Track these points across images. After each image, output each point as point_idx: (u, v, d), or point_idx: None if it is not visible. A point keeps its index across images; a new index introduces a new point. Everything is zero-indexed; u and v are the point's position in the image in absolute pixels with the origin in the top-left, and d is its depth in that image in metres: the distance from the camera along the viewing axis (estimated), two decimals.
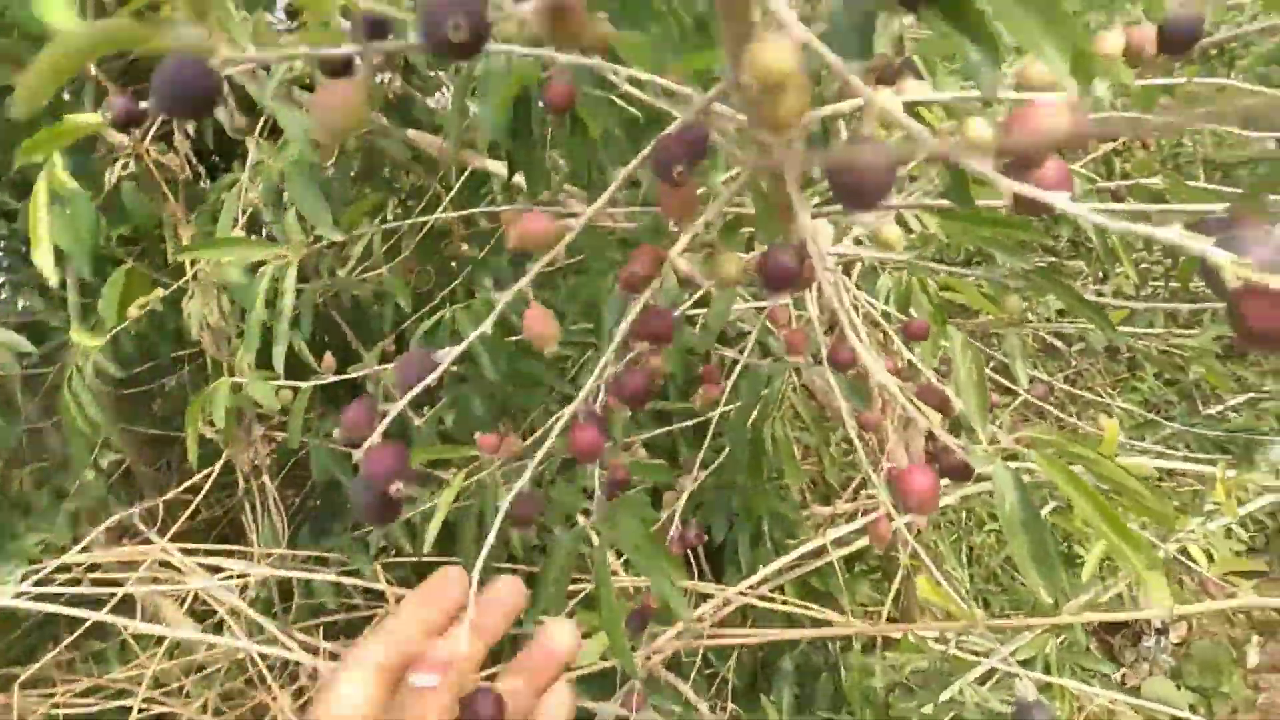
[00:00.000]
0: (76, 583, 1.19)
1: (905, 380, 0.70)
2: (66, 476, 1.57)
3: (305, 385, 1.18)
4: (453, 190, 1.38)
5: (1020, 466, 0.48)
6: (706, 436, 1.13)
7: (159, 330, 1.47)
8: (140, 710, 1.22)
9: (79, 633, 1.29)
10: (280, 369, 1.09)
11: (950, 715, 1.13)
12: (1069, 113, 0.26)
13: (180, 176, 1.29)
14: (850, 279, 1.01)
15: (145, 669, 1.27)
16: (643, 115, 0.85)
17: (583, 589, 1.23)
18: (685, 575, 1.22)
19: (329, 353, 1.19)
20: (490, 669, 0.45)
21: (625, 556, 1.21)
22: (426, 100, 1.63)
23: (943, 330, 0.92)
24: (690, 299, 1.05)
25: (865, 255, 0.99)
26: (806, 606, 1.15)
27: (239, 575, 1.17)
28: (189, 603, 1.23)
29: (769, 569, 1.22)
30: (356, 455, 0.39)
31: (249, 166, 1.18)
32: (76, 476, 1.49)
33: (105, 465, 1.62)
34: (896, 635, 1.09)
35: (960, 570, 1.96)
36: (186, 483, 1.36)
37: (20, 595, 1.13)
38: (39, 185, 0.88)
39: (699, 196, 0.43)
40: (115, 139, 1.27)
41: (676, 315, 0.50)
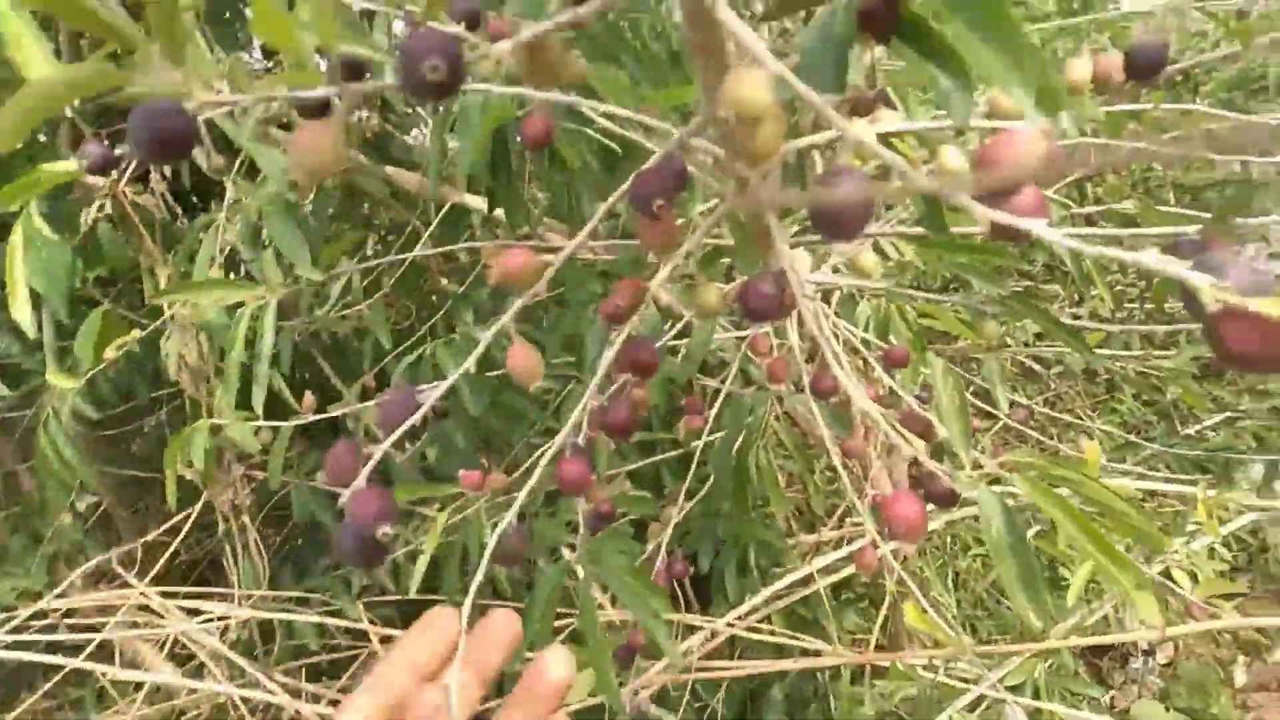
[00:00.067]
0: (53, 629, 1.17)
1: (887, 407, 0.70)
2: (42, 521, 1.54)
3: (285, 425, 1.17)
4: (432, 226, 1.39)
5: (1004, 491, 0.48)
6: (691, 466, 1.12)
7: (137, 371, 1.46)
8: None
9: (56, 680, 1.26)
10: (260, 409, 1.08)
11: None
12: (1043, 140, 0.26)
13: (157, 217, 1.28)
14: (829, 307, 1.02)
15: (125, 715, 1.25)
16: (620, 148, 0.85)
17: (569, 624, 1.22)
18: (671, 608, 1.21)
19: (309, 392, 1.19)
20: (488, 703, 0.44)
21: (611, 590, 1.21)
22: (404, 138, 1.64)
23: (922, 357, 0.92)
24: (671, 330, 1.06)
25: (843, 283, 0.99)
26: (795, 636, 1.15)
27: (220, 617, 1.16)
28: (169, 647, 1.21)
29: (756, 599, 1.21)
30: (340, 495, 0.39)
31: (226, 205, 1.18)
32: (52, 520, 1.47)
33: (82, 508, 1.60)
34: (885, 663, 1.08)
35: (947, 596, 1.95)
36: (165, 525, 1.34)
37: None
38: (14, 237, 0.88)
39: (678, 228, 0.43)
40: (91, 181, 1.26)
41: (659, 346, 0.51)
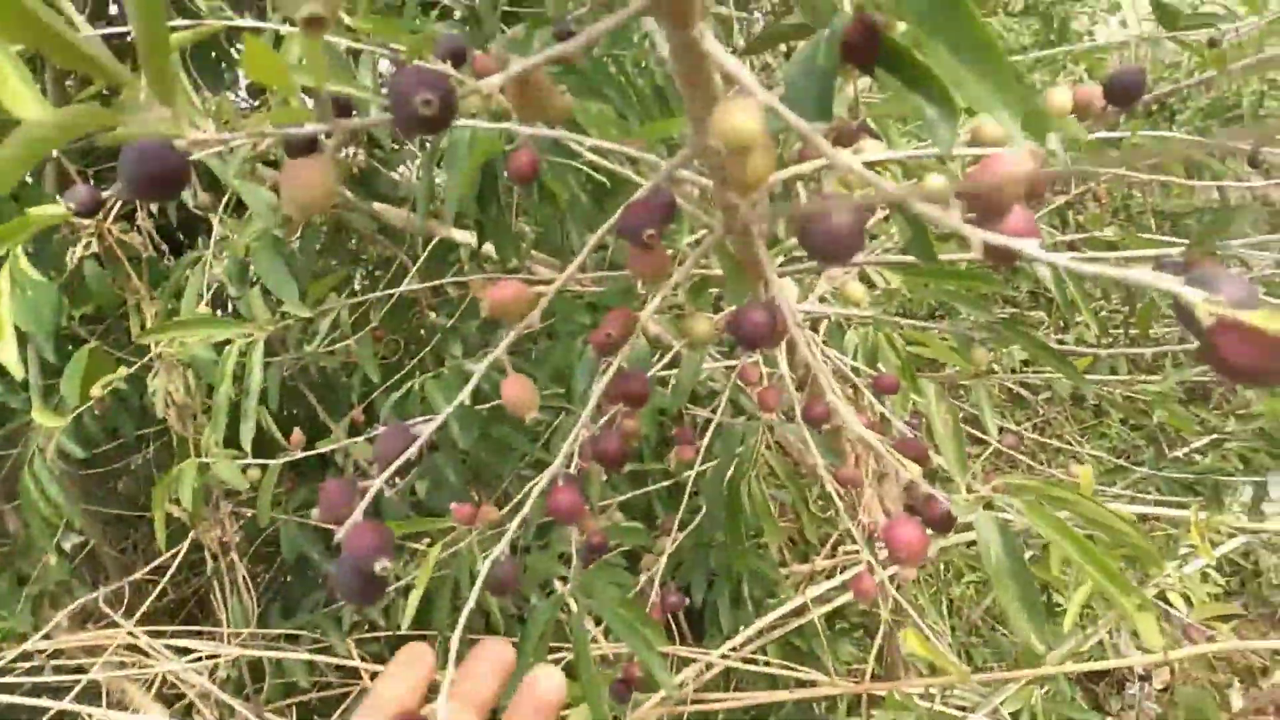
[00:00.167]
0: (39, 670, 1.15)
1: (878, 435, 0.70)
2: (27, 561, 1.52)
3: (274, 463, 1.16)
4: (419, 260, 1.39)
5: (999, 516, 0.48)
6: (683, 497, 1.12)
7: (123, 409, 1.44)
8: None
9: None
10: (248, 446, 1.07)
11: None
12: (1030, 162, 0.27)
13: (144, 255, 1.28)
14: (817, 336, 1.02)
15: None
16: (608, 181, 0.86)
17: (563, 658, 1.21)
18: (666, 640, 1.20)
19: (297, 428, 1.18)
20: None
21: (603, 623, 1.20)
22: (391, 174, 1.64)
23: (912, 384, 0.93)
24: (661, 361, 1.06)
25: (831, 312, 1.00)
26: (790, 667, 1.14)
27: (208, 656, 1.14)
28: (157, 686, 1.19)
29: (750, 630, 1.21)
30: (329, 530, 0.38)
31: (213, 242, 1.18)
32: (38, 560, 1.45)
33: (68, 548, 1.58)
34: (882, 693, 1.08)
35: (941, 623, 1.95)
36: (153, 564, 1.33)
37: None
38: (1, 279, 0.88)
39: (668, 258, 0.43)
40: (77, 220, 1.26)
41: (649, 376, 0.51)
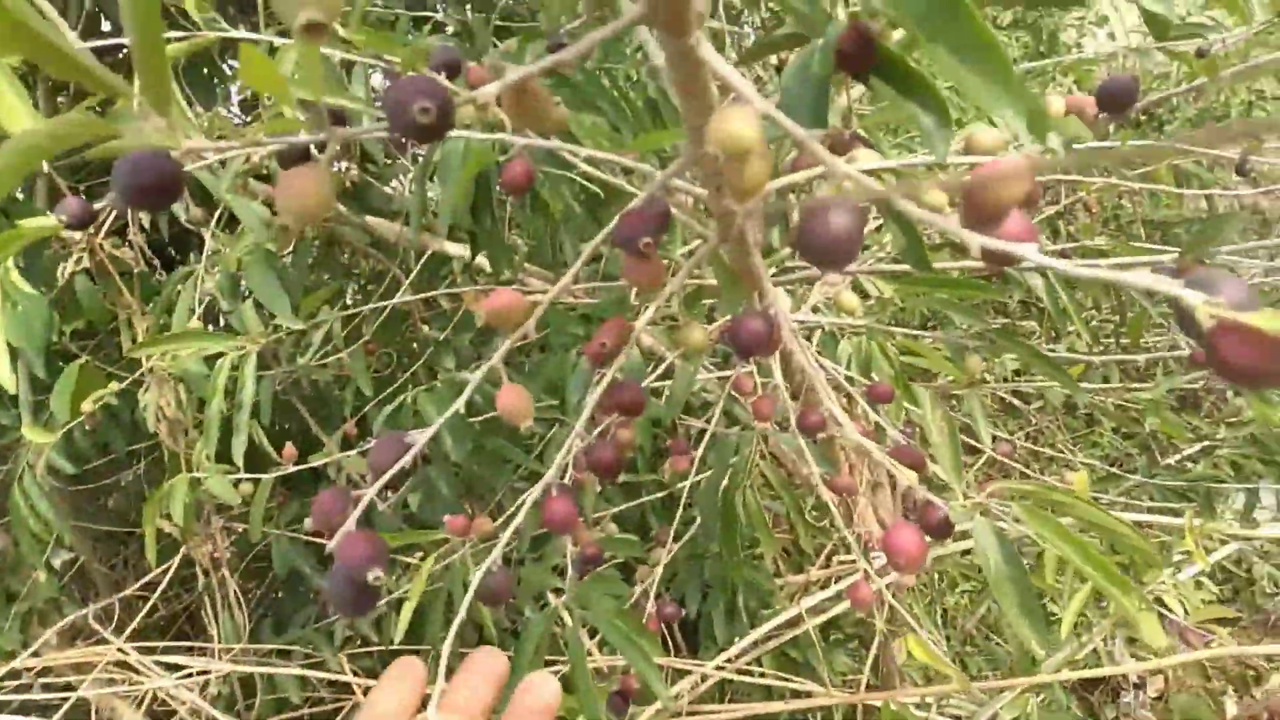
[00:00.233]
0: (28, 689, 1.14)
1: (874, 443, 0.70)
2: (16, 577, 1.51)
3: (266, 477, 1.15)
4: (412, 274, 1.39)
5: (996, 524, 0.48)
6: (677, 508, 1.12)
7: (114, 424, 1.44)
8: None
9: None
10: (240, 460, 1.07)
11: None
12: (1028, 166, 0.27)
13: (135, 269, 1.28)
14: (811, 344, 1.02)
15: None
16: (602, 191, 0.86)
17: (558, 671, 1.20)
18: (662, 652, 1.19)
19: (289, 442, 1.18)
20: None
21: (598, 636, 1.19)
22: (383, 188, 1.64)
23: (906, 393, 0.93)
24: (654, 372, 1.06)
25: (824, 322, 1.00)
26: (785, 678, 1.14)
27: (199, 672, 1.13)
28: (147, 703, 1.18)
29: (745, 641, 1.20)
30: (321, 545, 0.38)
31: (205, 257, 1.18)
32: (27, 577, 1.44)
33: (58, 565, 1.57)
34: (877, 703, 1.07)
35: (936, 633, 1.94)
36: (143, 580, 1.32)
37: None
38: None
39: (664, 266, 0.43)
40: (68, 235, 1.25)
41: (643, 387, 0.50)
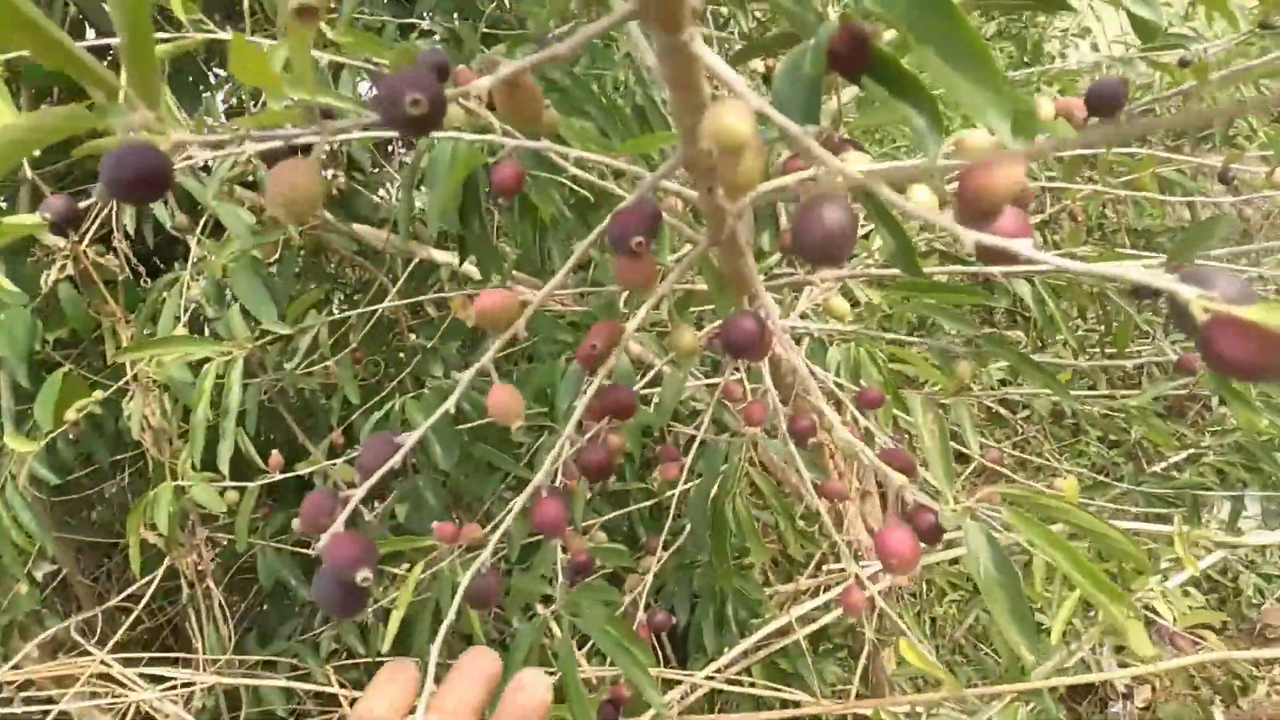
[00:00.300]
0: (8, 702, 1.12)
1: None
2: None
3: (252, 485, 1.14)
4: (399, 282, 1.38)
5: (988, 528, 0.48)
6: (665, 518, 1.11)
7: (98, 434, 1.42)
8: None
9: None
10: (226, 467, 1.06)
11: None
12: (1021, 163, 0.27)
13: (120, 277, 1.27)
14: (800, 350, 1.02)
15: None
16: (591, 195, 0.86)
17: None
18: (654, 661, 1.19)
19: (275, 451, 1.17)
20: None
21: (585, 647, 1.18)
22: (371, 196, 1.64)
23: (895, 399, 0.93)
24: (643, 379, 1.05)
25: (813, 328, 1.00)
26: (775, 688, 1.13)
27: (184, 685, 1.12)
28: (130, 717, 1.16)
29: (735, 651, 1.20)
30: (307, 556, 0.38)
31: (190, 264, 1.17)
32: (8, 589, 1.42)
33: (40, 577, 1.55)
34: (867, 711, 1.07)
35: (926, 642, 1.94)
36: (127, 591, 1.30)
37: None
38: None
39: (655, 266, 0.43)
40: (51, 242, 1.24)
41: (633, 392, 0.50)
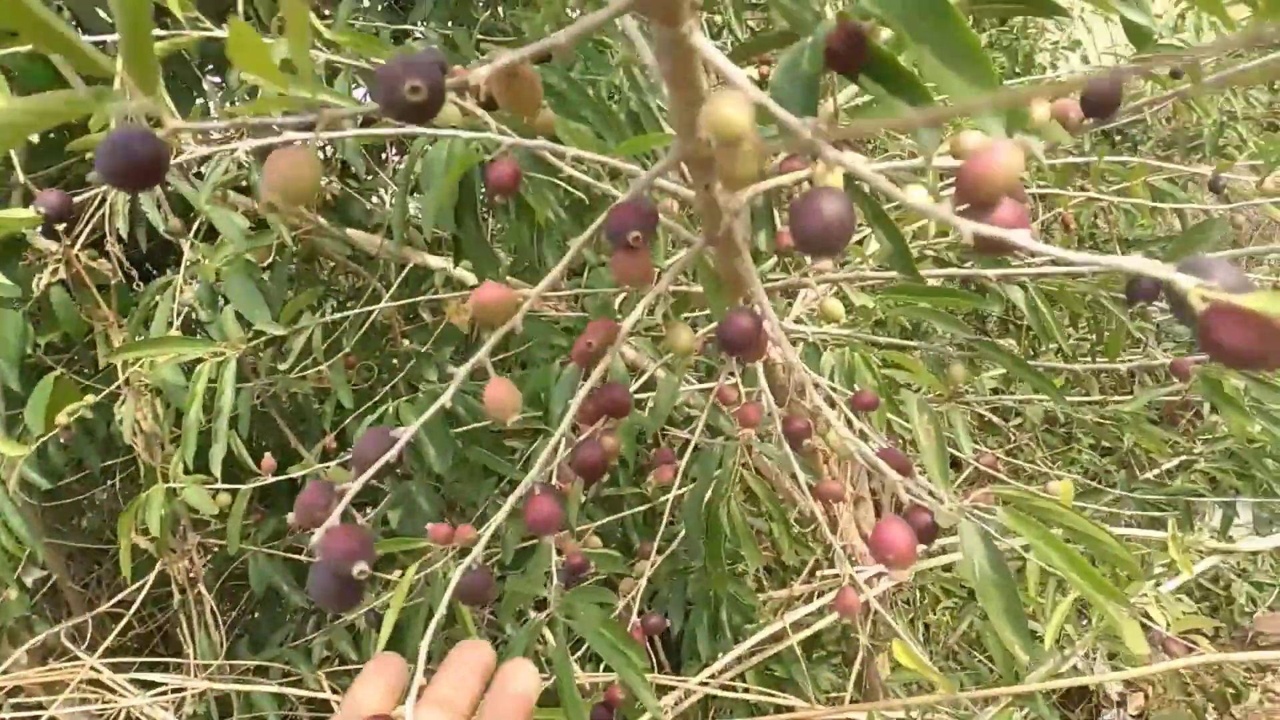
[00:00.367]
0: None
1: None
2: None
3: (244, 488, 1.14)
4: (393, 287, 1.38)
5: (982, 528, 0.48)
6: (659, 523, 1.11)
7: (89, 439, 1.42)
8: None
9: None
10: (218, 469, 1.05)
11: None
12: (1020, 153, 0.27)
13: (112, 281, 1.26)
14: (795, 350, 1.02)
15: None
16: (586, 197, 0.86)
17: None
18: (649, 665, 1.18)
19: (268, 454, 1.16)
20: None
21: (578, 653, 1.18)
22: (365, 201, 1.64)
23: (890, 404, 0.93)
24: (638, 383, 1.05)
25: (807, 332, 1.00)
26: (769, 693, 1.13)
27: (174, 690, 1.11)
28: None
29: (729, 657, 1.19)
30: (299, 562, 0.37)
31: (184, 267, 1.16)
32: None
33: (30, 582, 1.54)
34: (861, 716, 1.07)
35: (920, 648, 1.94)
36: (117, 597, 1.29)
37: None
38: None
39: (652, 262, 0.43)
40: (43, 245, 1.24)
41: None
